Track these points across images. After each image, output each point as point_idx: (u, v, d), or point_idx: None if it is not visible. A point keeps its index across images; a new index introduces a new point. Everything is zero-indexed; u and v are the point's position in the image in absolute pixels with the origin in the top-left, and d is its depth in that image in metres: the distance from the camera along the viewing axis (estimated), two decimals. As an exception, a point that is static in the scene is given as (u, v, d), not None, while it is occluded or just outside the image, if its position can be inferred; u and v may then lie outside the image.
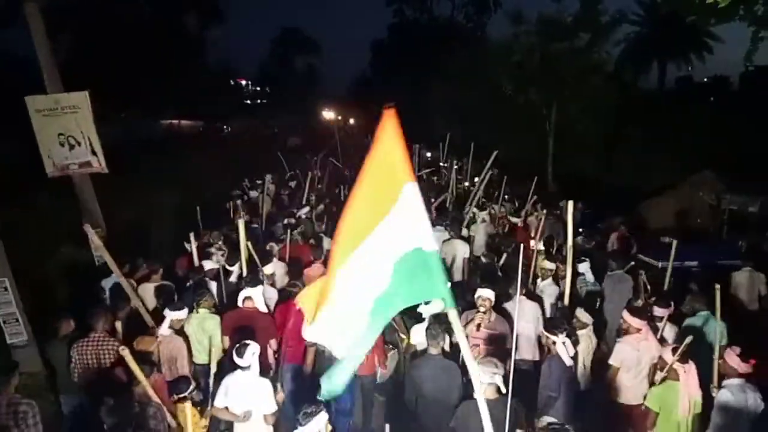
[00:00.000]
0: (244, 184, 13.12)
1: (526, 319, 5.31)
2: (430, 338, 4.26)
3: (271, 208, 11.14)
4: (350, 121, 45.44)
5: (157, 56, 25.85)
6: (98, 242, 5.04)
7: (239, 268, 6.27)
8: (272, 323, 5.30)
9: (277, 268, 6.60)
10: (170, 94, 28.61)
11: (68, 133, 7.37)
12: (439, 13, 35.72)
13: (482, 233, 9.26)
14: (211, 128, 44.64)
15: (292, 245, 7.38)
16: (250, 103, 59.84)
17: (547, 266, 6.42)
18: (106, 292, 5.98)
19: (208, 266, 6.44)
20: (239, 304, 5.22)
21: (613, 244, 8.78)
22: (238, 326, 5.01)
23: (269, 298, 5.80)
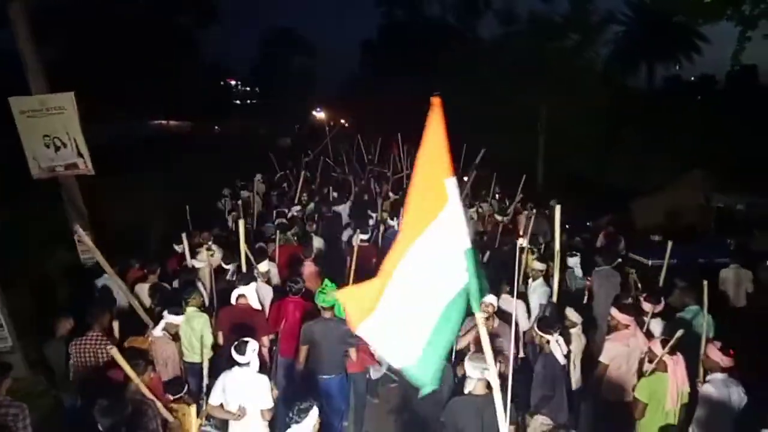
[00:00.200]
0: (237, 185, 13.07)
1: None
2: None
3: (261, 208, 11.21)
4: (341, 121, 45.34)
5: (145, 56, 25.62)
6: (90, 243, 4.96)
7: (235, 266, 6.35)
8: (266, 320, 5.37)
9: (271, 266, 6.67)
10: (158, 94, 28.36)
11: (54, 134, 7.27)
12: (429, 13, 35.69)
13: (470, 231, 9.24)
14: (201, 128, 44.36)
15: (286, 245, 7.42)
16: (240, 103, 59.54)
17: (537, 267, 6.40)
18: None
19: (194, 265, 6.47)
20: (233, 301, 5.29)
21: (600, 242, 8.85)
22: (232, 323, 5.07)
23: (264, 295, 5.84)
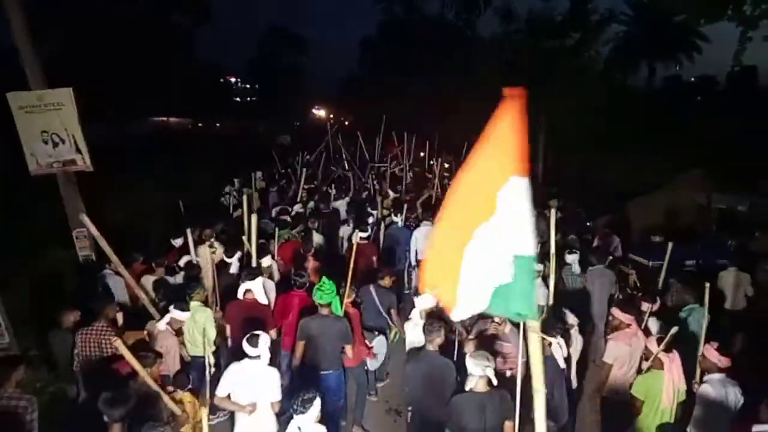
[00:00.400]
0: (240, 181, 13.18)
1: None
2: (426, 334, 4.27)
3: (260, 205, 11.29)
4: (341, 119, 45.30)
5: (145, 53, 25.52)
6: (96, 232, 4.95)
7: (237, 259, 6.55)
8: (271, 314, 5.49)
9: (272, 262, 6.85)
10: (159, 91, 28.28)
11: (52, 130, 7.19)
12: (428, 11, 35.57)
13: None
14: (201, 126, 44.40)
15: (290, 241, 7.63)
16: (239, 100, 59.43)
17: (535, 267, 6.37)
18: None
19: (186, 260, 6.63)
20: (239, 296, 5.41)
21: (597, 242, 8.85)
22: (240, 317, 5.22)
23: (268, 290, 5.94)
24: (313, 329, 4.85)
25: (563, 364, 4.24)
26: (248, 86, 61.01)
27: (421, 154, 16.33)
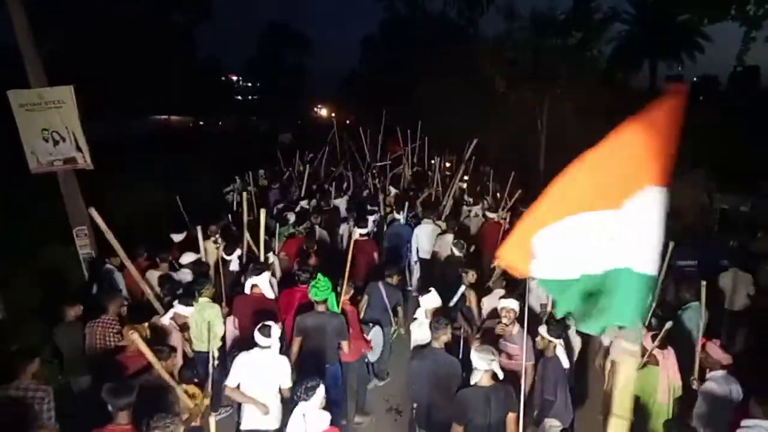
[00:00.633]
0: (245, 179, 13.18)
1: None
2: (433, 331, 4.28)
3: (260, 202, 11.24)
4: (341, 117, 45.27)
5: (147, 51, 25.52)
6: (103, 225, 4.98)
7: (237, 256, 6.64)
8: (277, 308, 5.55)
9: (274, 258, 6.94)
10: (160, 90, 28.28)
11: (52, 128, 7.17)
12: (431, 9, 35.51)
13: (476, 227, 9.45)
14: (203, 124, 44.43)
15: (296, 238, 7.76)
16: (241, 99, 59.42)
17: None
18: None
19: (188, 258, 6.63)
20: (247, 291, 5.51)
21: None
22: (248, 311, 5.31)
23: (273, 285, 5.98)
24: (309, 325, 4.94)
25: (567, 364, 4.24)
26: (249, 85, 60.92)
27: (422, 152, 16.29)
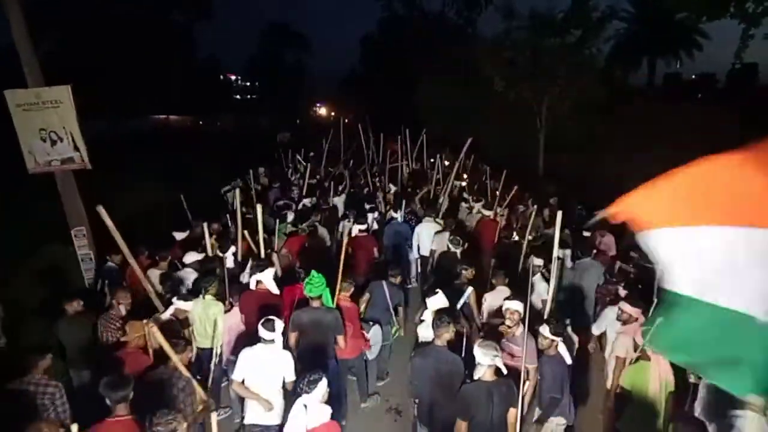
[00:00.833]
0: (247, 178, 13.22)
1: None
2: (435, 329, 4.28)
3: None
4: (340, 116, 45.23)
5: (146, 51, 25.48)
6: (111, 224, 4.99)
7: (232, 254, 6.70)
8: (282, 304, 5.63)
9: (273, 256, 6.93)
10: (159, 89, 28.24)
11: (50, 128, 7.17)
12: (429, 9, 35.54)
13: (474, 224, 9.36)
14: (204, 123, 44.41)
15: (298, 236, 7.80)
16: (240, 98, 59.37)
17: (535, 262, 6.43)
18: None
19: (191, 258, 6.64)
20: (252, 287, 5.57)
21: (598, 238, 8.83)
22: (254, 306, 5.35)
23: None
24: (304, 321, 5.01)
25: (570, 360, 4.24)
26: (248, 84, 60.89)
27: (421, 151, 16.27)
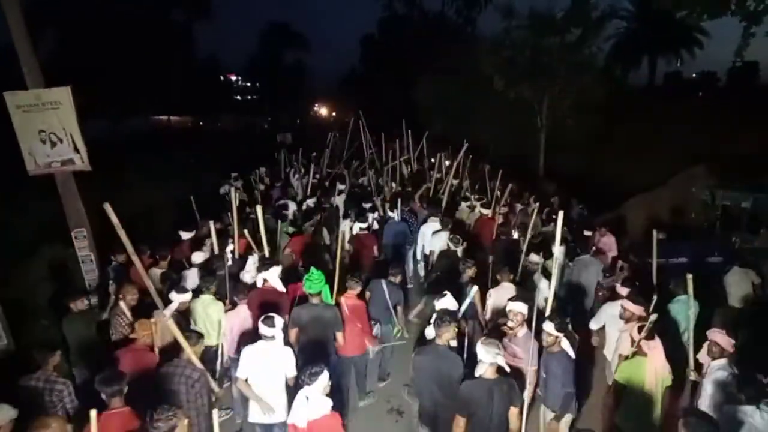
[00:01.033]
0: (252, 178, 13.44)
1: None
2: (436, 328, 4.27)
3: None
4: (340, 116, 45.27)
5: (146, 51, 25.46)
6: (117, 222, 5.00)
7: (230, 252, 6.83)
8: (288, 301, 5.75)
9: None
10: (159, 89, 28.23)
11: (50, 130, 7.14)
12: (429, 8, 35.54)
13: (473, 223, 9.46)
14: (204, 123, 44.43)
15: (302, 235, 7.97)
16: (240, 98, 59.36)
17: (535, 260, 6.45)
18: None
19: (199, 257, 6.78)
20: (259, 284, 5.75)
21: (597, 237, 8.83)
22: (262, 303, 5.45)
23: None
24: (304, 317, 5.08)
25: (573, 354, 4.24)
26: (248, 84, 60.85)
27: (421, 150, 16.26)
